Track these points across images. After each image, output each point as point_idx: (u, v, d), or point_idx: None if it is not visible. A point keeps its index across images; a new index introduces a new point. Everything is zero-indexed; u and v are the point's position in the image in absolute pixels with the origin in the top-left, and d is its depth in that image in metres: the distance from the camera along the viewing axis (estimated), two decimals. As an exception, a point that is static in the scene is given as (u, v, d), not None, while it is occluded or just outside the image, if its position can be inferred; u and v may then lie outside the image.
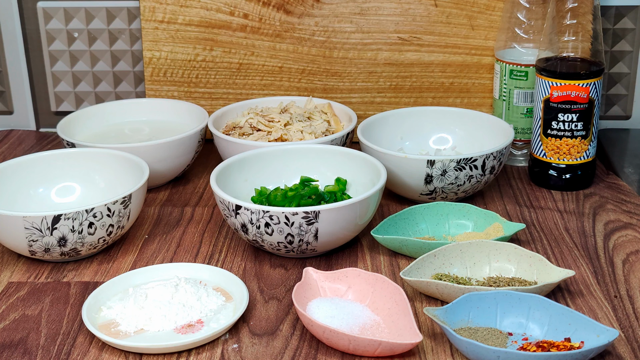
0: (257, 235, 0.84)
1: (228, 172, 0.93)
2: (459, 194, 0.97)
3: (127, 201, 0.87)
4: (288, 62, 1.17)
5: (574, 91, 0.99)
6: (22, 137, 1.25)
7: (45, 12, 1.21)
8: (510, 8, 1.08)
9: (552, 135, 1.01)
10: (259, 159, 0.97)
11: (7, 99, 1.27)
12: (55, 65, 1.24)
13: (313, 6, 1.15)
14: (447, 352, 0.72)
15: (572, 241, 0.91)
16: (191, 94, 1.19)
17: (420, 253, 0.86)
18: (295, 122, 1.05)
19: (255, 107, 1.12)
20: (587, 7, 0.99)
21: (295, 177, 0.97)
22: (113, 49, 1.23)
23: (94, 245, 0.87)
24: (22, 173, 0.96)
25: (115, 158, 0.97)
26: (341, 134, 1.02)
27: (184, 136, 1.02)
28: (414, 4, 1.14)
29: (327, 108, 1.11)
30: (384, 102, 1.18)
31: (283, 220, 0.82)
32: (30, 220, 0.82)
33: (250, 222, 0.84)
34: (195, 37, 1.17)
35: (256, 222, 0.83)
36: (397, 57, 1.16)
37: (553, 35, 1.00)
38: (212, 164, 1.12)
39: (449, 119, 1.09)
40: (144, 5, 1.16)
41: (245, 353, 0.73)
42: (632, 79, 1.20)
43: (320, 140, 1.00)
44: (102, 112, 1.15)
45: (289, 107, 1.10)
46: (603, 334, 0.69)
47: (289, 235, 0.83)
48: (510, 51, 1.09)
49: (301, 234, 0.83)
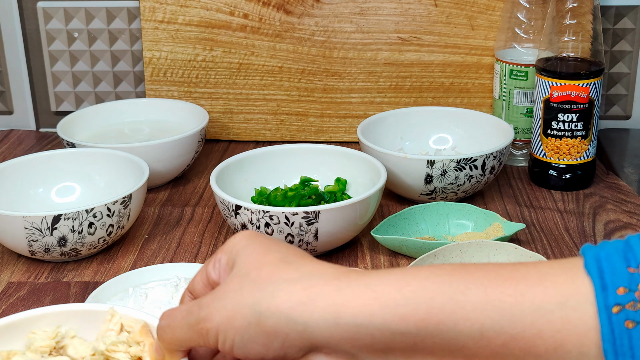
0: (257, 235, 0.84)
1: (228, 172, 0.93)
2: (459, 194, 0.97)
3: (127, 201, 0.87)
4: (288, 62, 1.17)
5: (574, 91, 0.99)
6: (22, 137, 1.25)
7: (45, 12, 1.21)
8: (510, 8, 1.08)
9: (552, 135, 1.02)
10: (259, 158, 0.97)
11: (7, 99, 1.27)
12: (55, 65, 1.24)
13: (313, 6, 1.15)
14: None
15: (572, 241, 0.91)
16: (191, 94, 1.19)
17: (420, 253, 0.86)
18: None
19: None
20: (587, 7, 0.99)
21: (295, 177, 0.98)
22: (113, 49, 1.23)
23: (94, 245, 0.87)
24: (22, 173, 0.96)
25: (115, 158, 0.97)
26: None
27: (184, 136, 1.02)
28: (414, 4, 1.14)
29: (142, 333, 0.59)
30: (384, 102, 1.18)
31: (283, 220, 0.82)
32: (30, 220, 0.82)
33: (250, 222, 0.84)
34: (195, 37, 1.17)
35: (256, 222, 0.83)
36: (397, 57, 1.16)
37: (553, 35, 1.00)
38: (212, 164, 1.12)
39: (449, 119, 1.09)
40: (144, 5, 1.16)
41: (245, 353, 0.73)
42: (632, 79, 1.20)
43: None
44: (102, 112, 1.15)
45: (66, 345, 0.60)
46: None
47: (289, 235, 0.83)
48: (510, 51, 1.09)
49: (301, 234, 0.83)
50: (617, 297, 0.42)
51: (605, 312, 0.42)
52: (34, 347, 0.59)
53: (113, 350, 0.58)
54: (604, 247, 0.44)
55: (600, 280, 0.42)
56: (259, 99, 1.19)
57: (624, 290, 0.42)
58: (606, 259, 0.43)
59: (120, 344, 0.58)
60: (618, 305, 0.42)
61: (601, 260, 0.43)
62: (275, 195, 0.93)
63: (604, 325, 0.42)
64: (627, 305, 0.41)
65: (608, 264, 0.43)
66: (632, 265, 0.42)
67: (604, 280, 0.42)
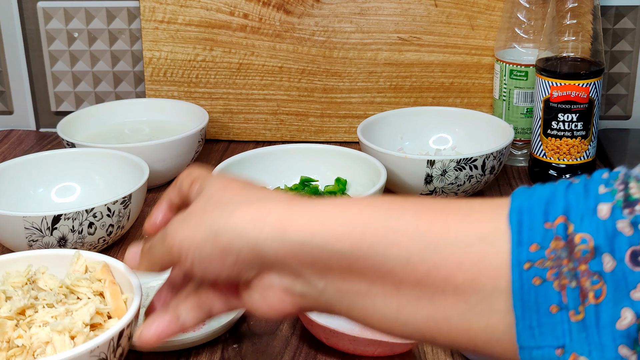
0: (257, 235, 0.84)
1: (228, 172, 0.93)
2: (459, 194, 0.97)
3: (127, 201, 0.87)
4: (288, 62, 1.17)
5: (574, 91, 0.99)
6: (22, 137, 1.25)
7: (45, 12, 1.21)
8: (510, 8, 1.08)
9: (552, 135, 1.02)
10: (259, 159, 0.97)
11: (7, 99, 1.27)
12: (55, 65, 1.24)
13: (313, 6, 1.15)
14: (447, 352, 0.72)
15: (572, 241, 0.91)
16: (191, 94, 1.20)
17: (420, 253, 0.86)
18: (42, 309, 0.67)
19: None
20: (587, 7, 0.99)
21: (295, 177, 0.98)
22: (113, 49, 1.23)
23: (94, 245, 0.87)
24: (22, 173, 0.96)
25: (115, 158, 0.97)
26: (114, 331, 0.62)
27: (184, 136, 1.02)
28: (414, 4, 1.14)
29: (102, 272, 0.70)
30: (384, 102, 1.18)
31: (283, 220, 0.82)
32: (30, 220, 0.82)
33: (250, 222, 0.83)
34: (195, 37, 1.17)
35: (256, 222, 0.83)
36: (397, 57, 1.16)
37: (553, 35, 1.00)
38: (212, 164, 1.12)
39: (449, 119, 1.09)
40: (144, 5, 1.16)
41: (245, 353, 0.73)
42: (632, 79, 1.20)
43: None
44: (102, 112, 1.15)
45: (37, 279, 0.70)
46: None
47: (289, 235, 0.83)
48: (510, 51, 1.09)
49: (301, 234, 0.83)
50: (529, 254, 0.43)
51: (517, 268, 0.43)
52: (7, 283, 0.69)
53: (77, 285, 0.69)
54: (532, 195, 0.46)
55: (518, 235, 0.44)
56: (259, 99, 1.19)
57: (536, 247, 0.43)
58: (528, 212, 0.44)
59: (83, 279, 0.69)
60: (529, 262, 0.43)
61: (523, 213, 0.44)
62: (275, 195, 0.93)
63: (514, 280, 0.43)
64: (537, 263, 0.43)
65: (528, 218, 0.44)
66: (549, 220, 0.44)
67: (521, 236, 0.44)
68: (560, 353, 0.43)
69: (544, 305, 0.43)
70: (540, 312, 0.43)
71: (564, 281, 0.42)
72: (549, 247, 0.43)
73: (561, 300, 0.42)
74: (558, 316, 0.42)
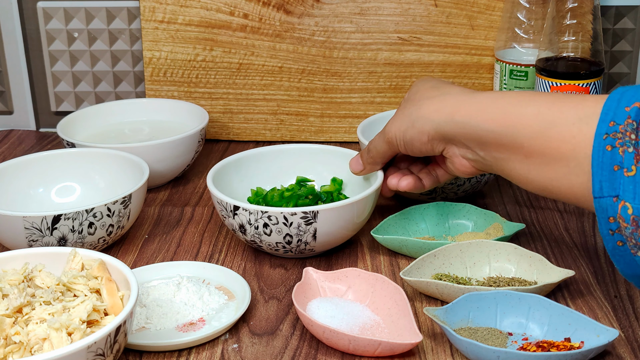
0: (255, 236, 0.84)
1: (224, 172, 0.93)
2: (459, 194, 0.97)
3: (127, 201, 0.87)
4: (288, 62, 1.17)
5: (574, 91, 0.99)
6: (22, 137, 1.25)
7: (45, 12, 1.21)
8: (510, 8, 1.08)
9: (552, 135, 1.01)
10: (255, 159, 0.97)
11: (7, 99, 1.27)
12: (55, 65, 1.24)
13: (313, 6, 1.15)
14: (447, 352, 0.72)
15: (572, 241, 0.91)
16: (191, 94, 1.20)
17: (420, 253, 0.86)
18: (39, 307, 0.67)
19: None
20: (587, 7, 0.99)
21: (291, 178, 0.97)
22: (113, 49, 1.23)
23: (94, 245, 0.87)
24: (22, 173, 0.96)
25: (115, 158, 0.97)
26: (111, 327, 0.62)
27: (184, 136, 1.02)
28: (414, 4, 1.14)
29: (99, 269, 0.71)
30: (384, 102, 1.18)
31: (282, 220, 0.82)
32: (30, 220, 0.82)
33: (248, 223, 0.84)
34: (195, 37, 1.17)
35: (254, 223, 0.83)
36: (397, 57, 1.16)
37: (553, 35, 1.00)
38: (212, 164, 1.12)
39: (449, 119, 1.08)
40: (144, 5, 1.16)
41: (245, 353, 0.73)
42: (632, 79, 1.20)
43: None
44: (102, 112, 1.15)
45: (34, 276, 0.71)
46: (603, 334, 0.69)
47: (287, 235, 0.83)
48: (510, 51, 1.09)
49: (300, 234, 0.83)
50: (608, 128, 0.62)
51: (598, 138, 0.63)
52: (4, 280, 0.69)
53: (74, 282, 0.70)
54: (629, 89, 0.63)
55: (604, 115, 0.63)
56: (259, 99, 1.19)
57: (613, 124, 0.62)
58: (617, 99, 0.63)
59: (80, 277, 0.70)
60: (606, 134, 0.62)
61: (613, 100, 0.63)
62: (272, 196, 0.93)
63: (595, 147, 0.63)
64: (611, 134, 0.62)
65: (615, 103, 0.63)
66: (628, 105, 0.62)
67: (606, 116, 0.63)
68: (615, 200, 0.61)
69: (609, 165, 0.61)
70: (607, 170, 0.62)
71: (626, 147, 0.61)
72: (623, 124, 0.61)
73: (621, 161, 0.61)
74: (618, 173, 0.61)
